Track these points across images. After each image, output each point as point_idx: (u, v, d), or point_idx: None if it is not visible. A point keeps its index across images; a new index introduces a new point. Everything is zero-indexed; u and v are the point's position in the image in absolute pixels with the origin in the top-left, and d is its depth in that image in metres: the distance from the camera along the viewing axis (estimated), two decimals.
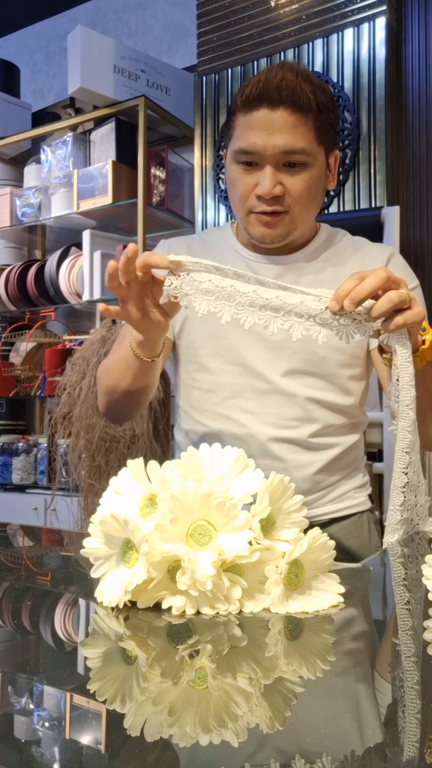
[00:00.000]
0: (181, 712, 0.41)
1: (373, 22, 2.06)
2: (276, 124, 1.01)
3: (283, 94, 1.00)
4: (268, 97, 1.01)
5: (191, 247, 1.19)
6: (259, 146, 1.02)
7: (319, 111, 1.03)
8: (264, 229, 1.08)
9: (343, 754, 0.37)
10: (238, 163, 1.06)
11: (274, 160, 1.03)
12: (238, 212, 1.10)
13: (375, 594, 0.71)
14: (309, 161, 1.04)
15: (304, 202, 1.06)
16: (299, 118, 1.02)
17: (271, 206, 1.05)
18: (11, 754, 0.38)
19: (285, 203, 1.05)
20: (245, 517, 0.62)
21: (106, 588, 0.64)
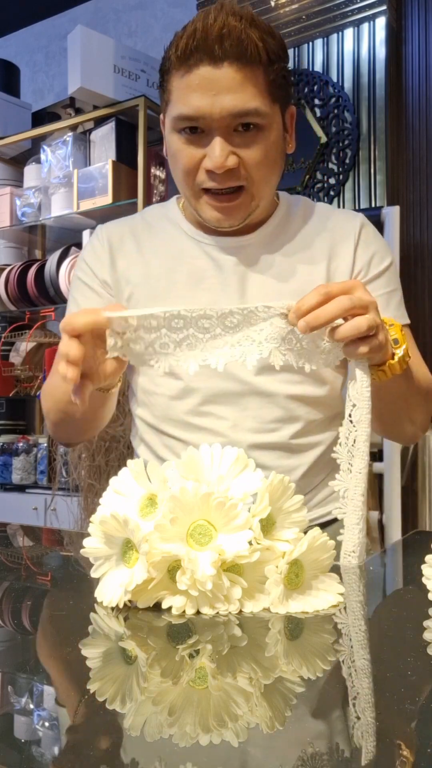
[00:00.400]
0: (181, 712, 0.41)
1: (373, 22, 2.06)
2: (221, 81, 0.84)
3: (226, 44, 0.83)
4: (209, 50, 0.84)
5: (134, 232, 1.04)
6: (203, 110, 0.85)
7: (270, 62, 0.86)
8: (219, 215, 0.92)
9: (343, 754, 0.37)
10: (180, 132, 0.89)
11: (223, 126, 0.86)
12: (184, 191, 0.94)
13: (375, 594, 0.71)
14: (264, 123, 0.87)
15: (263, 173, 0.90)
16: (248, 73, 0.85)
17: (224, 182, 0.89)
18: (11, 754, 0.38)
19: (241, 176, 0.89)
20: (245, 517, 0.62)
21: (106, 588, 0.64)
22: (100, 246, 1.05)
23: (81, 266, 1.08)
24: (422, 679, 0.47)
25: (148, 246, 1.03)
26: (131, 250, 1.03)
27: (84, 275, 1.06)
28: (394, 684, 0.46)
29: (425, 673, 0.48)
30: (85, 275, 1.06)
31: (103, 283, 1.04)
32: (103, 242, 1.05)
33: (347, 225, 1.01)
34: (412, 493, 2.05)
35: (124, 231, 1.05)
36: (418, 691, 0.45)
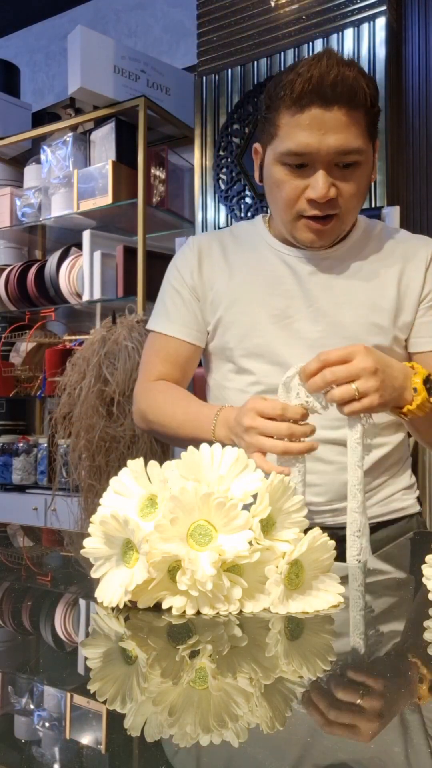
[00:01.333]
0: (181, 712, 0.41)
1: (373, 22, 2.06)
2: (330, 123, 0.94)
3: (338, 91, 0.93)
4: (323, 94, 0.93)
5: (222, 244, 1.15)
6: (312, 147, 0.95)
7: (372, 106, 0.98)
8: (313, 236, 1.03)
9: (344, 754, 0.37)
10: (284, 165, 0.99)
11: (327, 162, 0.96)
12: (282, 215, 1.04)
13: (375, 594, 0.71)
14: (362, 160, 0.98)
15: (354, 203, 1.01)
16: (354, 117, 0.95)
17: (324, 211, 0.99)
18: (11, 754, 0.38)
19: (337, 206, 1.00)
20: (245, 517, 0.62)
21: (106, 588, 0.64)
22: (190, 253, 1.16)
23: (172, 272, 1.18)
24: (422, 679, 0.47)
25: (233, 255, 1.14)
26: (218, 258, 1.14)
27: (175, 281, 1.17)
28: (394, 684, 0.46)
29: (425, 673, 0.48)
30: (175, 281, 1.17)
31: (191, 288, 1.15)
32: (194, 250, 1.15)
33: (420, 249, 1.09)
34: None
35: (213, 241, 1.16)
36: (419, 691, 0.45)
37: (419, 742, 0.38)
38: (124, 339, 2.15)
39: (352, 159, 0.97)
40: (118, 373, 2.10)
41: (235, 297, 1.09)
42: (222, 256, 1.13)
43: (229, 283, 1.10)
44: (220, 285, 1.11)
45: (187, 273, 1.15)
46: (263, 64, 2.25)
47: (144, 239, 2.50)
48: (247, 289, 1.09)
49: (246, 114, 2.28)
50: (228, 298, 1.09)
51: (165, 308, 1.16)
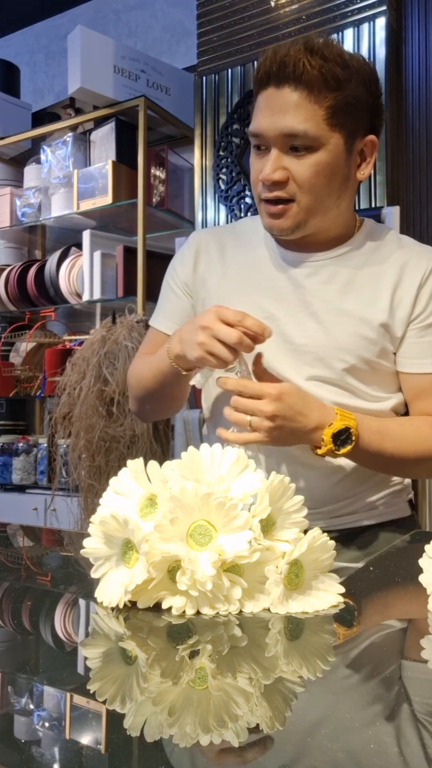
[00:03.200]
0: (181, 712, 0.41)
1: (373, 22, 2.05)
2: (279, 103, 0.93)
3: (287, 70, 0.91)
4: (275, 74, 0.92)
5: (221, 241, 1.13)
6: (263, 127, 0.94)
7: (336, 88, 0.92)
8: (270, 220, 1.00)
9: (343, 754, 0.37)
10: (254, 147, 0.99)
11: (279, 143, 0.94)
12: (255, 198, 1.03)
13: (375, 594, 0.71)
14: (315, 145, 0.94)
15: (312, 190, 0.96)
16: (305, 97, 0.92)
17: (272, 192, 0.96)
18: (11, 754, 0.38)
19: (289, 190, 0.96)
20: (245, 517, 0.62)
21: (106, 588, 0.64)
22: (188, 250, 1.15)
23: (170, 269, 1.18)
24: (422, 679, 0.47)
25: (230, 254, 1.12)
26: (214, 255, 1.12)
27: (170, 278, 1.17)
28: (393, 684, 0.46)
29: (425, 673, 0.48)
30: (171, 278, 1.17)
31: (184, 284, 1.14)
32: (192, 247, 1.14)
33: (420, 263, 1.05)
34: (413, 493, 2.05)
35: (212, 239, 1.14)
36: (418, 691, 0.45)
37: (418, 743, 0.38)
38: (124, 339, 2.15)
39: (301, 143, 0.93)
40: (118, 373, 2.09)
41: (226, 296, 1.07)
42: (219, 254, 1.12)
43: (221, 282, 1.10)
44: (212, 283, 1.10)
45: (181, 269, 1.15)
46: None
47: (144, 239, 2.50)
48: (238, 289, 1.08)
49: (246, 114, 2.28)
50: (218, 297, 1.08)
51: (160, 303, 1.18)
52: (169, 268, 1.18)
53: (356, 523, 1.08)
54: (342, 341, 1.02)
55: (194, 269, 1.13)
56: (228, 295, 1.07)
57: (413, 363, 1.05)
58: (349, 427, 0.93)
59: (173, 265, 1.17)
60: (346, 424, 0.93)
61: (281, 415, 0.88)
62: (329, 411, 0.94)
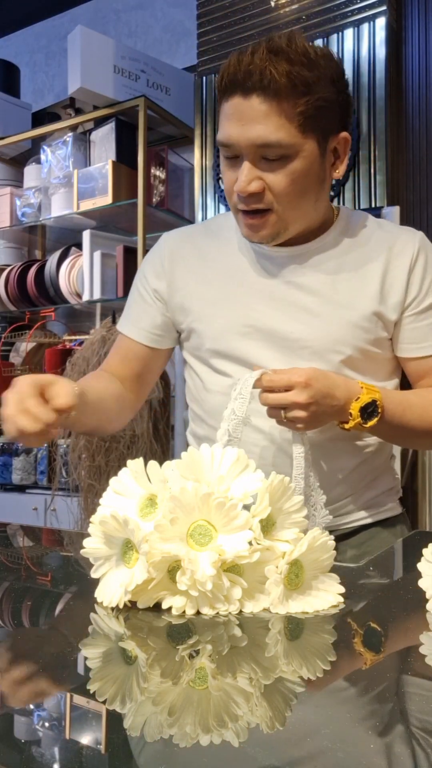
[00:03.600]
0: (181, 712, 0.41)
1: (373, 22, 2.05)
2: (247, 113, 0.89)
3: (253, 79, 0.88)
4: (240, 83, 0.89)
5: (195, 242, 1.10)
6: (233, 139, 0.91)
7: (305, 93, 0.89)
8: (248, 231, 0.98)
9: (343, 754, 0.37)
10: (224, 157, 0.96)
11: (251, 153, 0.91)
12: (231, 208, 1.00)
13: (375, 594, 0.71)
14: (289, 153, 0.91)
15: (289, 199, 0.94)
16: (275, 106, 0.88)
17: (248, 204, 0.94)
18: (11, 754, 0.38)
19: (266, 200, 0.94)
20: (245, 517, 0.62)
21: (106, 588, 0.64)
22: (159, 256, 1.12)
23: (139, 275, 1.16)
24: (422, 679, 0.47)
25: (207, 254, 1.09)
26: (191, 258, 1.09)
27: (140, 284, 1.14)
28: (393, 684, 0.46)
29: (425, 673, 0.48)
30: (140, 284, 1.14)
31: (154, 291, 1.11)
32: (164, 251, 1.11)
33: (404, 245, 1.03)
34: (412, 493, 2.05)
35: (185, 241, 1.11)
36: (418, 692, 0.45)
37: (417, 742, 0.38)
38: None
39: (274, 152, 0.90)
40: None
41: (209, 299, 1.06)
42: (195, 256, 1.09)
43: (202, 285, 1.07)
44: (192, 287, 1.07)
45: (152, 275, 1.11)
46: None
47: (144, 239, 2.50)
48: (222, 290, 1.05)
49: None
50: (202, 300, 1.06)
51: (128, 308, 1.16)
52: (139, 273, 1.15)
53: (352, 523, 1.08)
54: (337, 333, 1.01)
55: (169, 276, 1.09)
56: (212, 298, 1.06)
57: (415, 348, 1.05)
58: (376, 400, 0.94)
59: (143, 270, 1.14)
60: (372, 397, 0.93)
61: (314, 400, 0.89)
62: (354, 385, 0.94)
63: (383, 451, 1.11)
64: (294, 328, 1.02)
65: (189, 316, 1.07)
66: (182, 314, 1.08)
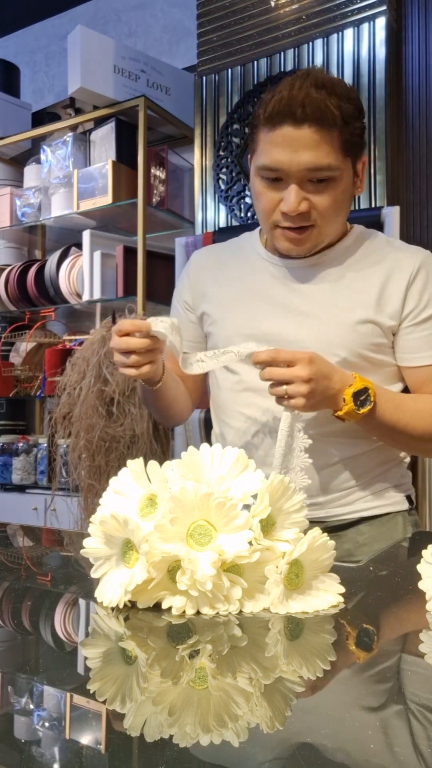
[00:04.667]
0: (181, 712, 0.41)
1: (373, 22, 2.05)
2: (300, 141, 0.99)
3: (307, 111, 0.98)
4: (292, 114, 0.99)
5: (219, 257, 1.23)
6: (283, 164, 1.01)
7: (345, 124, 1.01)
8: (290, 245, 1.08)
9: (343, 753, 0.37)
10: (262, 178, 1.05)
11: (299, 178, 1.01)
12: (263, 224, 1.10)
13: (375, 594, 0.71)
14: (335, 176, 1.02)
15: (330, 216, 1.05)
16: (324, 135, 1.00)
17: (296, 223, 1.04)
18: (11, 754, 0.38)
19: (311, 218, 1.04)
20: (245, 517, 0.62)
21: (106, 588, 0.64)
22: (186, 270, 1.27)
23: (176, 293, 1.30)
24: (422, 679, 0.47)
25: (227, 267, 1.22)
26: (213, 271, 1.23)
27: (175, 300, 1.29)
28: (393, 684, 0.46)
29: (425, 673, 0.48)
30: (175, 300, 1.29)
31: (184, 302, 1.25)
32: (191, 266, 1.26)
33: (406, 261, 1.12)
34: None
35: (210, 255, 1.26)
36: (418, 692, 0.45)
37: (417, 742, 0.38)
38: None
39: (324, 175, 1.01)
40: (118, 373, 2.09)
41: (225, 305, 1.17)
42: (217, 268, 1.21)
43: (220, 291, 1.18)
44: (212, 293, 1.19)
45: (182, 288, 1.26)
46: (263, 64, 2.25)
47: (144, 239, 2.50)
48: (236, 298, 1.16)
49: (246, 114, 2.28)
50: (219, 307, 1.17)
51: None
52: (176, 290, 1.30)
53: (353, 514, 1.10)
54: (332, 334, 1.08)
55: (194, 285, 1.23)
56: (228, 305, 1.17)
57: (414, 357, 1.11)
58: (368, 387, 0.99)
59: (177, 286, 1.29)
60: (365, 384, 0.99)
61: (315, 377, 0.94)
62: (348, 376, 1.01)
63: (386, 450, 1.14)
64: (293, 330, 1.10)
65: (208, 319, 1.20)
66: (206, 321, 1.21)
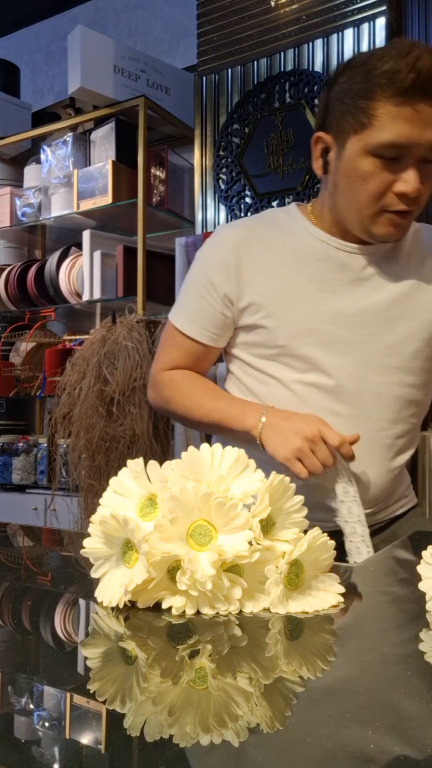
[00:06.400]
0: (181, 712, 0.41)
1: (373, 22, 2.05)
2: (428, 116, 0.94)
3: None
4: (426, 89, 0.92)
5: (260, 238, 1.09)
6: (413, 140, 0.94)
7: None
8: (393, 230, 1.01)
9: (343, 754, 0.37)
10: (376, 157, 0.96)
11: (420, 156, 0.96)
12: (363, 209, 1.00)
13: (375, 594, 0.71)
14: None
15: (424, 201, 1.01)
16: None
17: (410, 205, 0.99)
18: (11, 754, 0.38)
19: (419, 202, 0.99)
20: (245, 517, 0.62)
21: (106, 588, 0.64)
22: (221, 253, 1.09)
23: (199, 273, 1.12)
24: (422, 679, 0.47)
25: (275, 247, 1.08)
26: (258, 255, 1.08)
27: (200, 284, 1.11)
28: (393, 684, 0.46)
29: (425, 673, 0.48)
30: (201, 284, 1.11)
31: (223, 296, 1.09)
32: (228, 250, 1.08)
33: None
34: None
35: (250, 237, 1.09)
36: (418, 691, 0.45)
37: (418, 742, 0.38)
38: (124, 339, 2.15)
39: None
40: (118, 373, 2.09)
41: (284, 295, 1.06)
42: (263, 250, 1.08)
43: (274, 280, 1.06)
44: (263, 283, 1.07)
45: (217, 278, 1.09)
46: (263, 64, 2.25)
47: (144, 239, 2.50)
48: (297, 287, 1.06)
49: (246, 114, 2.28)
50: (276, 296, 1.06)
51: (190, 307, 1.13)
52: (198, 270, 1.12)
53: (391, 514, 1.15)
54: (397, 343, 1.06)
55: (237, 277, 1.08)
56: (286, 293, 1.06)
57: None
58: None
59: (204, 269, 1.11)
60: None
61: None
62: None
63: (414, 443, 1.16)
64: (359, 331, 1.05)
65: (258, 311, 1.07)
66: (251, 311, 1.07)
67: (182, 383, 1.14)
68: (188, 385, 1.14)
